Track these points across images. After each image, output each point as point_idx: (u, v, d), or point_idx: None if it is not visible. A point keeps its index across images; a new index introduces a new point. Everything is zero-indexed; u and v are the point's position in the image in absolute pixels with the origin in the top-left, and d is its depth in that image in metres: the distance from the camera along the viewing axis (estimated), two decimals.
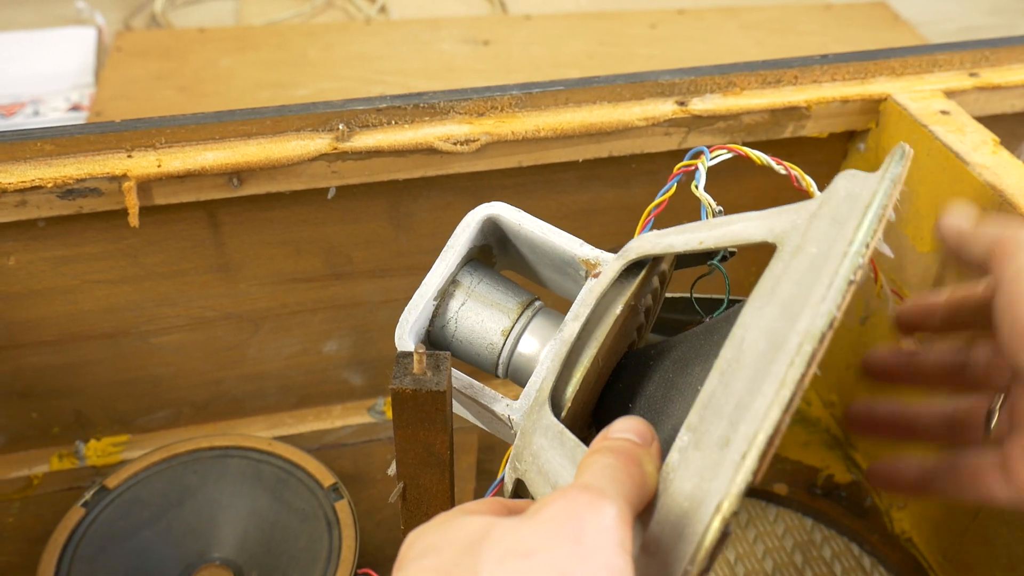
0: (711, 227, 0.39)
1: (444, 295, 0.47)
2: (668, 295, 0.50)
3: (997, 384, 0.41)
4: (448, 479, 0.50)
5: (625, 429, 0.34)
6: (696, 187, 0.46)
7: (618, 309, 0.41)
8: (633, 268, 0.42)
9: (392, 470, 0.51)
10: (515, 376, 0.46)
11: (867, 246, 0.31)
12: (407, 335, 0.46)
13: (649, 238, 0.41)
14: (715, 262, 0.43)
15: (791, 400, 0.28)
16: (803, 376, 0.29)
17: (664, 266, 0.44)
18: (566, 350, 0.41)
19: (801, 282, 0.31)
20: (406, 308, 0.46)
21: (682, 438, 0.31)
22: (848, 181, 0.35)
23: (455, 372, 0.46)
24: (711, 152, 0.47)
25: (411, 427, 0.47)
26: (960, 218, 0.42)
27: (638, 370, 0.42)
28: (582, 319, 0.41)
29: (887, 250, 0.39)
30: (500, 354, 0.46)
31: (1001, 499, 0.39)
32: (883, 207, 0.33)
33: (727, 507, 0.28)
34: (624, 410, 0.41)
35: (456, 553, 0.30)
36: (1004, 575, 0.62)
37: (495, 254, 0.50)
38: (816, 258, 0.31)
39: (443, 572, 0.29)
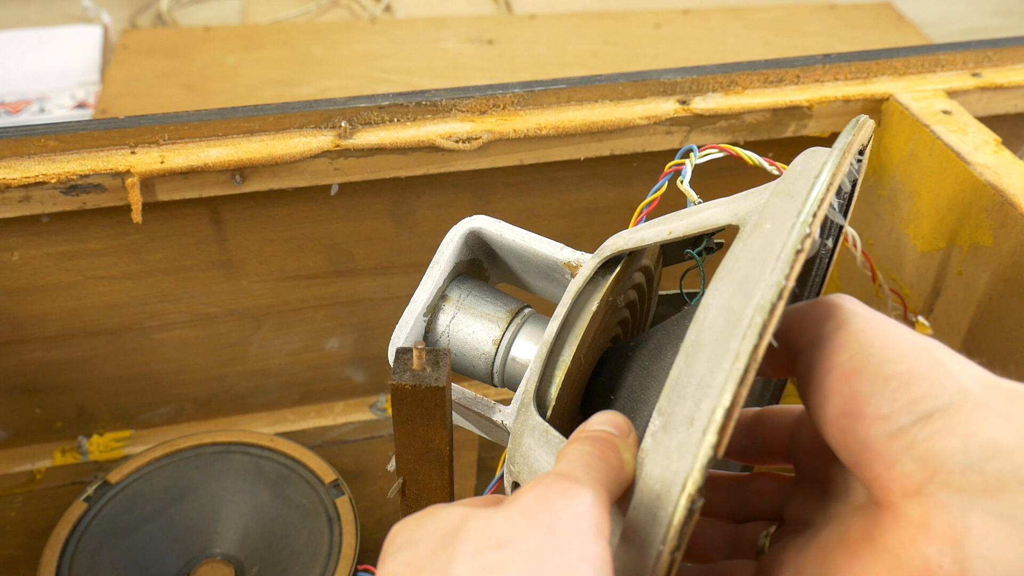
0: (681, 217, 0.39)
1: (434, 310, 0.47)
2: (665, 292, 0.50)
3: (770, 514, 0.40)
4: (447, 475, 0.50)
5: (602, 422, 0.34)
6: (681, 182, 0.46)
7: (594, 306, 0.41)
8: (611, 265, 0.42)
9: (392, 465, 0.51)
10: (510, 384, 0.46)
11: (814, 215, 0.31)
12: None
13: (623, 234, 0.41)
14: (694, 252, 0.43)
15: (745, 372, 0.29)
16: (755, 347, 0.29)
17: (647, 261, 0.44)
18: (546, 350, 0.41)
19: (755, 258, 0.31)
20: (397, 325, 0.46)
21: (654, 422, 0.31)
22: (805, 157, 0.35)
23: (453, 385, 0.46)
24: (701, 151, 0.48)
25: (410, 423, 0.47)
26: None
27: (618, 363, 0.42)
28: (560, 319, 0.41)
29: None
30: (494, 363, 0.46)
31: None
32: (832, 176, 0.33)
33: (691, 484, 0.29)
34: (607, 403, 0.42)
35: (432, 546, 0.30)
36: None
37: (486, 268, 0.51)
38: (770, 233, 0.32)
39: (418, 566, 0.29)
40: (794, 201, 0.32)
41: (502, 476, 0.48)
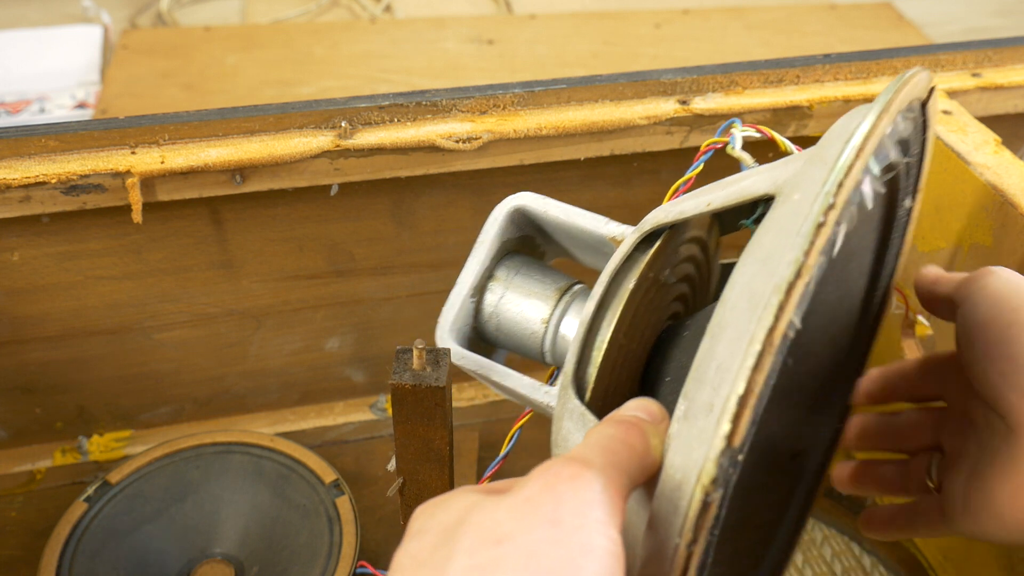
0: (722, 187, 0.37)
1: (482, 291, 0.46)
2: (728, 261, 0.48)
3: (929, 444, 0.46)
4: (447, 474, 0.50)
5: (634, 408, 0.33)
6: (732, 149, 0.45)
7: (631, 283, 0.39)
8: (653, 240, 0.40)
9: (392, 465, 0.51)
10: (563, 362, 0.45)
11: (839, 185, 0.29)
12: (447, 334, 0.45)
13: (664, 207, 0.39)
14: (748, 222, 0.41)
15: (761, 356, 0.27)
16: (771, 330, 0.27)
17: (697, 232, 0.42)
18: (583, 331, 0.39)
19: (780, 232, 0.29)
20: (445, 306, 0.45)
21: (679, 407, 0.30)
22: (846, 119, 0.33)
23: (494, 365, 0.45)
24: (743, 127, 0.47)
25: (410, 422, 0.47)
26: (936, 269, 0.46)
27: (674, 342, 0.41)
28: (596, 298, 0.39)
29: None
30: (543, 342, 0.45)
31: (947, 534, 0.44)
32: (864, 139, 0.30)
33: (704, 476, 0.27)
34: (662, 384, 0.40)
35: (435, 539, 0.29)
36: (1004, 575, 0.62)
37: (539, 244, 0.50)
38: (797, 204, 0.30)
39: (420, 560, 0.28)
40: (824, 168, 0.30)
41: (504, 457, 0.47)
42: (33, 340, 0.69)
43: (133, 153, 0.61)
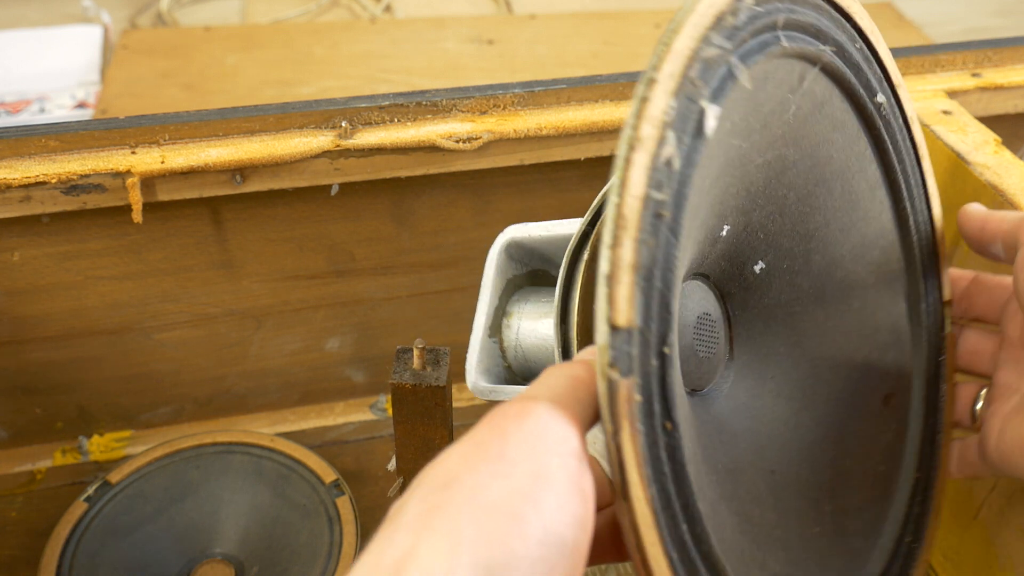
0: None
1: (499, 329, 0.47)
2: None
3: (984, 371, 0.45)
4: None
5: (583, 353, 0.34)
6: None
7: (586, 254, 0.40)
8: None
9: (392, 465, 0.51)
10: None
11: (658, 60, 0.29)
12: (474, 376, 0.46)
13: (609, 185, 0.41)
14: None
15: (615, 233, 0.28)
16: (617, 206, 0.28)
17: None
18: (556, 319, 0.41)
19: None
20: (468, 352, 0.46)
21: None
22: None
23: (514, 387, 0.46)
24: None
25: (411, 422, 0.47)
26: (981, 207, 0.44)
27: None
28: (560, 284, 0.41)
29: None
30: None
31: (982, 474, 0.44)
32: (689, 17, 0.30)
33: (602, 362, 0.28)
34: None
35: (403, 498, 0.29)
36: (1004, 575, 0.62)
37: (554, 275, 0.50)
38: None
39: (388, 518, 0.29)
40: None
41: None
42: (33, 340, 0.69)
43: (133, 153, 0.61)
